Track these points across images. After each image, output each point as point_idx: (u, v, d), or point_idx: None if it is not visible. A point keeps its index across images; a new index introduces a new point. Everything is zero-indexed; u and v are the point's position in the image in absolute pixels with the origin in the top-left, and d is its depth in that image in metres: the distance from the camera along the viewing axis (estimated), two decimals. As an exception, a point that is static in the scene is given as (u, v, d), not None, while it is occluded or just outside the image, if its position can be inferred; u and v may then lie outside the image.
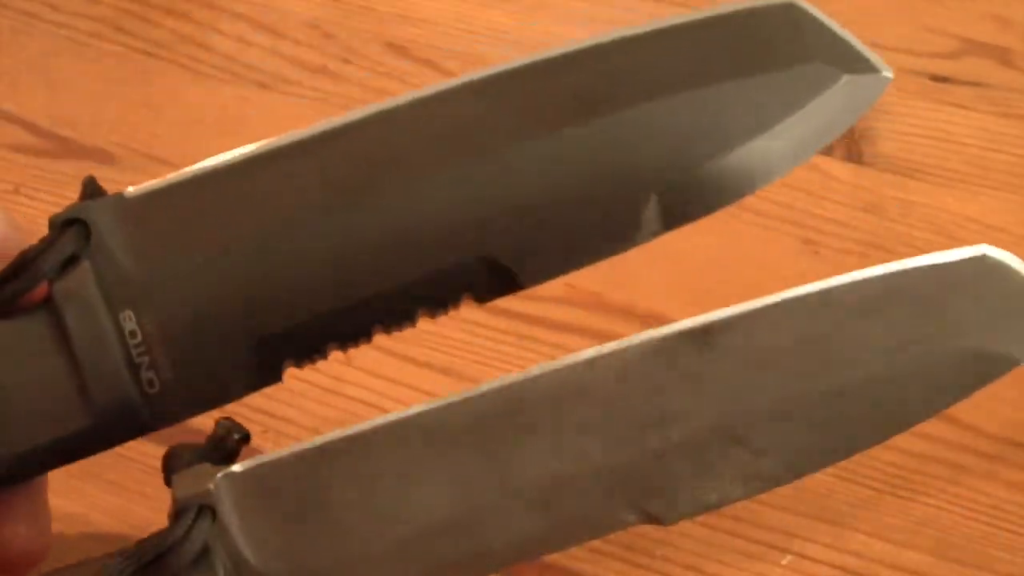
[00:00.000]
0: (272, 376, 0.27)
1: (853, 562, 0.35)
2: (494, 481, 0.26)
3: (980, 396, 0.38)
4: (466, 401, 0.26)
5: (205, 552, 0.25)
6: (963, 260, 0.27)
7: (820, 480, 0.37)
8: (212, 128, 0.49)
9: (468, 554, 0.26)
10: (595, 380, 0.26)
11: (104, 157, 0.48)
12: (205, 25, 0.53)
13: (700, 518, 0.36)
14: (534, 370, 0.26)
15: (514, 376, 0.26)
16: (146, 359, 0.25)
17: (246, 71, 0.51)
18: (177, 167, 0.48)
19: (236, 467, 0.26)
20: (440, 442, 0.26)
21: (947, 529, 0.35)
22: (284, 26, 0.53)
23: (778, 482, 0.27)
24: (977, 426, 0.38)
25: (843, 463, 0.37)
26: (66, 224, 0.26)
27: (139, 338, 0.25)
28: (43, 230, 0.27)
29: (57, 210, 0.26)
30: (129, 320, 0.25)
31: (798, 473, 0.28)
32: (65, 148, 0.49)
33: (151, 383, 0.25)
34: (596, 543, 0.36)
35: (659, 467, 0.26)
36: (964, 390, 0.29)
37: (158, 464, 0.27)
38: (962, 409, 0.38)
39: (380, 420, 0.26)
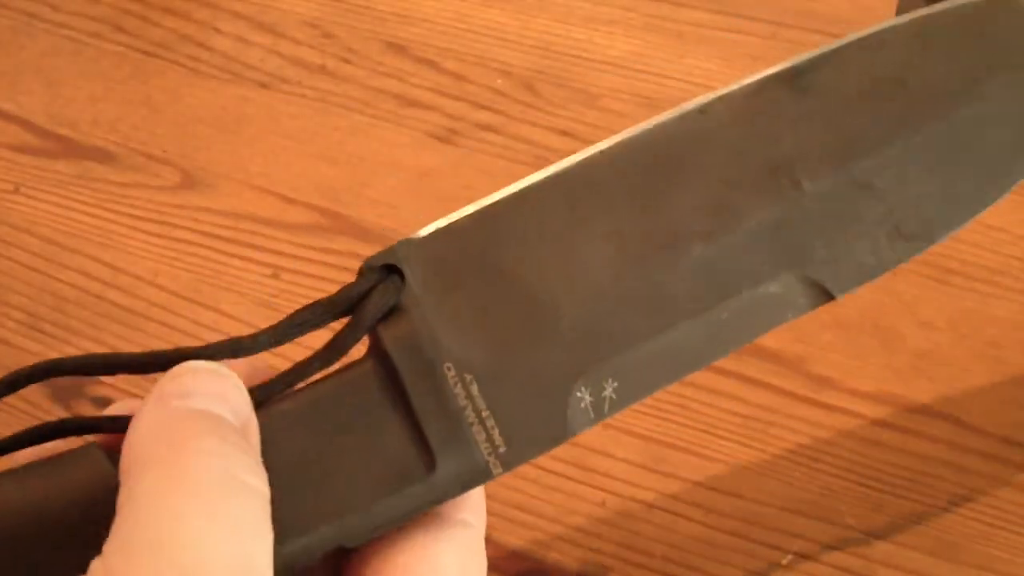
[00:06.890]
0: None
1: (853, 562, 0.35)
2: (653, 234, 0.26)
3: (981, 396, 0.38)
4: (607, 153, 0.26)
5: (397, 309, 0.24)
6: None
7: (820, 480, 0.37)
8: (212, 127, 0.49)
9: (648, 328, 0.25)
10: (711, 127, 0.26)
11: (104, 156, 0.48)
12: (205, 25, 0.53)
13: (700, 517, 0.36)
14: (648, 123, 0.26)
15: (633, 131, 0.26)
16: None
17: (246, 71, 0.51)
18: (177, 166, 0.48)
19: (419, 233, 0.25)
20: (595, 195, 0.26)
21: (947, 529, 0.35)
22: (284, 26, 0.53)
23: (920, 241, 0.27)
24: (979, 426, 0.38)
25: (843, 464, 0.37)
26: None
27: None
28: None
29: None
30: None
31: (935, 227, 0.27)
32: (65, 147, 0.49)
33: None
34: (595, 543, 0.36)
35: (803, 219, 0.26)
36: None
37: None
38: (964, 409, 0.38)
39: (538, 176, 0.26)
